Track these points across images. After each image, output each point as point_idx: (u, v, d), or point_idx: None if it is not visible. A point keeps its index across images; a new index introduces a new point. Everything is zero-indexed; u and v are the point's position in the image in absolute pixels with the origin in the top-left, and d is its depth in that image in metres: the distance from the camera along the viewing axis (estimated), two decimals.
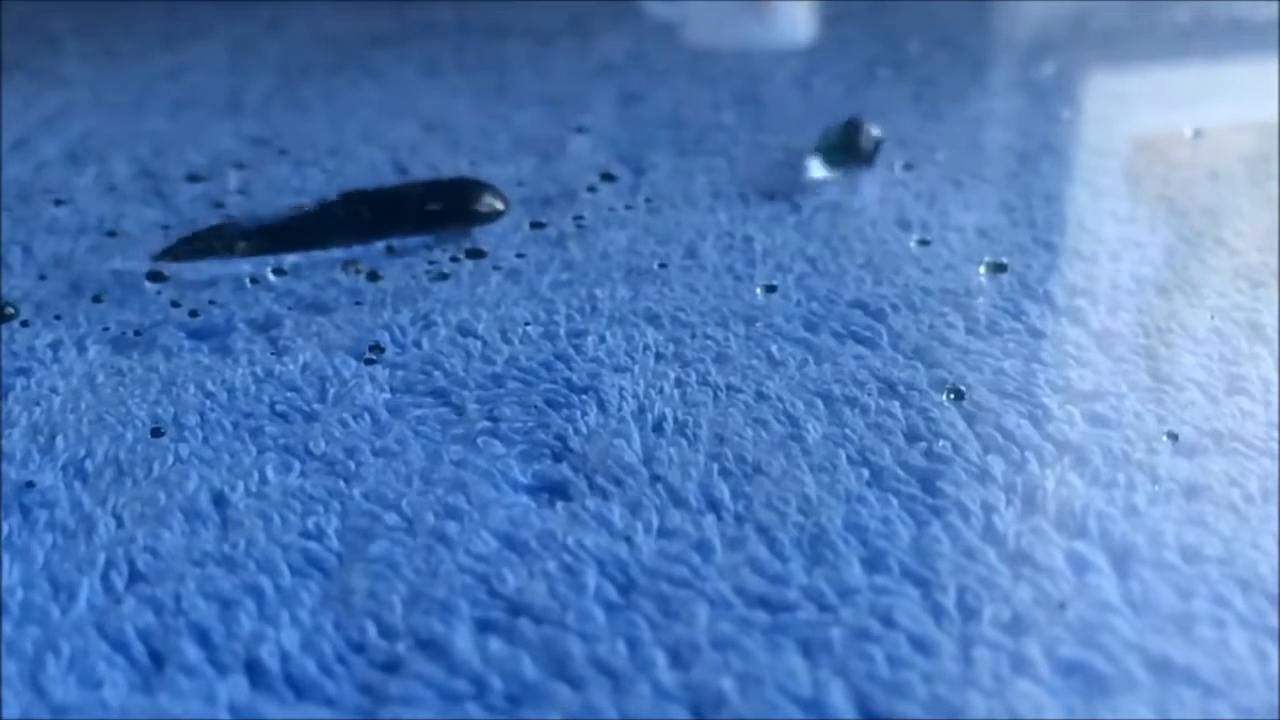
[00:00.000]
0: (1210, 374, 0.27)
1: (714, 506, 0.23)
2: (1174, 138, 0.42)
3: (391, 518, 0.23)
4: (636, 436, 0.25)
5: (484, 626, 0.21)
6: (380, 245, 0.33)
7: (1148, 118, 0.45)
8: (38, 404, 0.27)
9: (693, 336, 0.29)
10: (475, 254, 0.33)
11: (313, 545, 0.22)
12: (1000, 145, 0.41)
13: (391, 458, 0.25)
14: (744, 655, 0.20)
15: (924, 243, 0.34)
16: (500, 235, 0.34)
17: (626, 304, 0.31)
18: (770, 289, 0.31)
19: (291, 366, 0.28)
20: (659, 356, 0.28)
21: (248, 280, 0.32)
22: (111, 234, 0.35)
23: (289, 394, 0.27)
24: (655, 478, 0.24)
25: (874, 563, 0.22)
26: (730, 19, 0.57)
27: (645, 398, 0.27)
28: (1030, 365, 0.27)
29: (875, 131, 0.39)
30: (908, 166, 0.38)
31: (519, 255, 0.33)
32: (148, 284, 0.32)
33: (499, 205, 0.34)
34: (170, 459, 0.25)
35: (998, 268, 0.32)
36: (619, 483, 0.24)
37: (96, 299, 0.31)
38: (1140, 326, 0.29)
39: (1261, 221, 0.35)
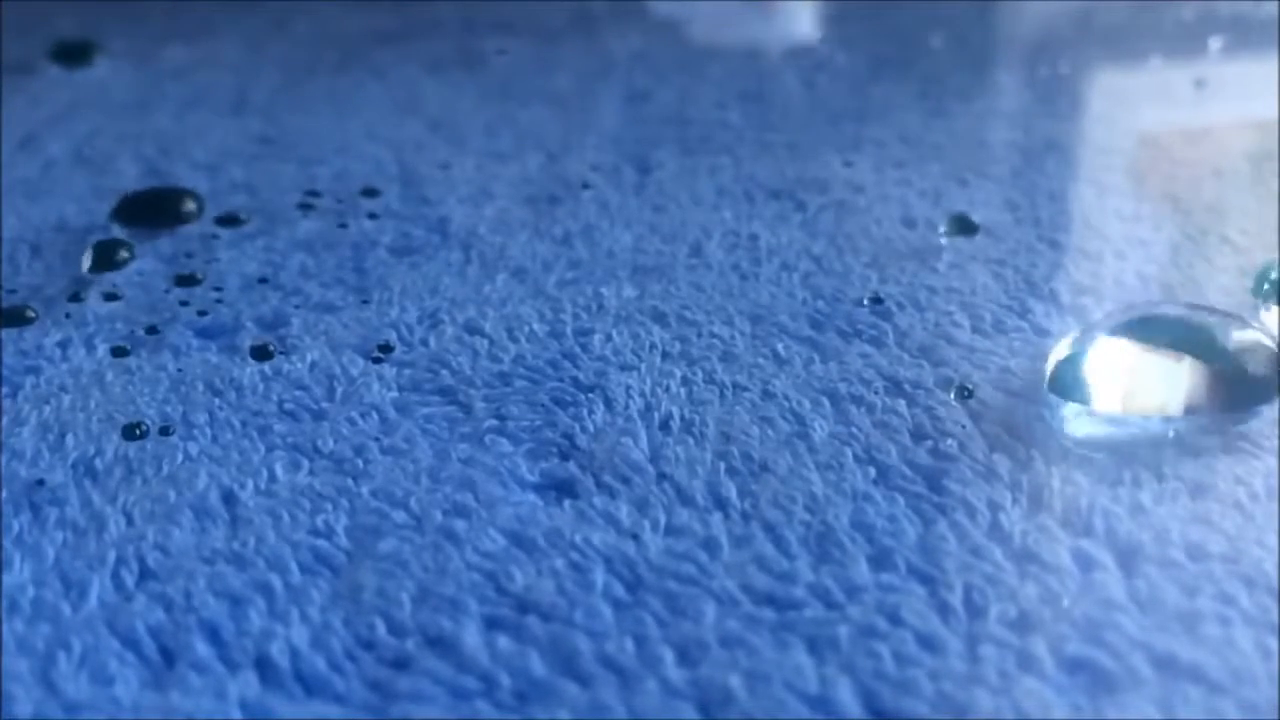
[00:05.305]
0: None
1: (721, 504, 0.23)
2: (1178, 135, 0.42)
3: (400, 515, 0.23)
4: (643, 435, 0.26)
5: (492, 624, 0.21)
6: None
7: (1152, 115, 0.45)
8: (47, 402, 0.27)
9: (699, 335, 0.29)
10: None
11: (322, 543, 0.23)
12: (1005, 143, 0.41)
13: (399, 456, 0.25)
14: (751, 652, 0.20)
15: (928, 240, 0.34)
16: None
17: (633, 302, 0.31)
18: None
19: (299, 365, 0.28)
20: (665, 355, 0.28)
21: (255, 279, 0.32)
22: (118, 232, 0.35)
23: (297, 392, 0.27)
24: (662, 476, 0.24)
25: (880, 560, 0.22)
26: (735, 17, 0.57)
27: (652, 396, 0.27)
28: (1036, 363, 0.28)
29: None
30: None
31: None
32: (156, 282, 0.32)
33: None
34: (179, 457, 0.25)
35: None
36: (626, 481, 0.24)
37: (105, 297, 0.31)
38: None
39: (1266, 219, 0.35)
